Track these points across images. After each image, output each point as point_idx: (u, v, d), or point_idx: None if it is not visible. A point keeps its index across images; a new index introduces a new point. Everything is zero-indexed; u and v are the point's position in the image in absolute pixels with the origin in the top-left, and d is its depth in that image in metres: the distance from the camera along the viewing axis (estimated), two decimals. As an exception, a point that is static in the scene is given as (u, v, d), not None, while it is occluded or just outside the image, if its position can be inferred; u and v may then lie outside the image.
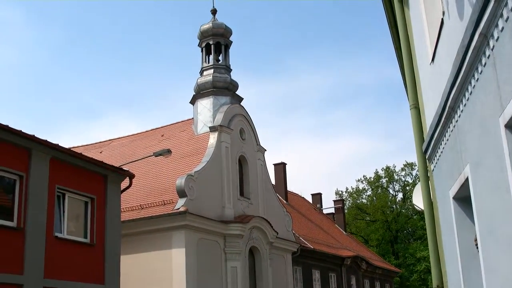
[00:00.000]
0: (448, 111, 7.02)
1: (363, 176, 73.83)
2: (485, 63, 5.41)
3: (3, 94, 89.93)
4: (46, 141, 18.05)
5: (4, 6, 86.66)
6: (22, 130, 17.30)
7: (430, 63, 8.26)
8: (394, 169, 72.44)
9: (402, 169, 71.90)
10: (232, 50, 33.53)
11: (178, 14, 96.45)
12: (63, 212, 19.00)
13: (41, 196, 17.84)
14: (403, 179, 72.59)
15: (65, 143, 27.21)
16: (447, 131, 7.46)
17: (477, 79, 5.76)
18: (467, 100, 6.25)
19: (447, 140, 7.53)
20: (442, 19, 7.12)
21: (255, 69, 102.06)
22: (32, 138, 17.60)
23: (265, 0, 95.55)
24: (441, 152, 8.07)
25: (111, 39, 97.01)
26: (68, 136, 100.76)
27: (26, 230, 17.11)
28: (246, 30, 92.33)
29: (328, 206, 56.61)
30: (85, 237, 19.72)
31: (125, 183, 22.07)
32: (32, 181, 17.57)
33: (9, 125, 16.87)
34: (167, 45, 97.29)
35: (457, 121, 6.87)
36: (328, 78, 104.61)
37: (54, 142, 18.44)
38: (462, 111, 6.56)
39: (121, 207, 22.30)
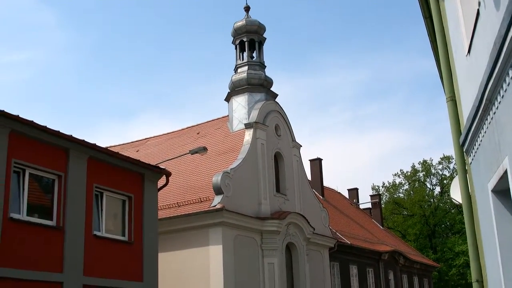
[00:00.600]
0: (486, 103, 6.94)
1: (400, 170, 73.25)
2: (523, 54, 5.33)
3: (41, 95, 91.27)
4: (83, 141, 18.26)
5: (38, 10, 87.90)
6: (60, 131, 17.52)
7: (466, 55, 8.17)
8: (431, 163, 71.75)
9: (439, 163, 71.18)
10: (265, 46, 33.56)
11: (212, 11, 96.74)
12: (101, 210, 19.21)
13: (79, 195, 18.06)
14: (441, 172, 71.87)
15: (102, 143, 27.52)
16: (484, 123, 7.37)
17: (515, 70, 5.68)
18: (505, 91, 6.17)
19: (485, 132, 7.44)
20: (478, 10, 7.03)
21: (289, 65, 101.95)
22: (69, 138, 17.81)
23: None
24: (479, 144, 7.97)
25: (145, 38, 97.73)
26: (105, 135, 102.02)
27: (65, 229, 17.34)
28: (279, 26, 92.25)
29: (364, 201, 56.35)
30: (123, 235, 19.91)
31: (161, 181, 22.21)
32: (71, 181, 17.80)
33: (47, 126, 17.11)
34: (202, 42, 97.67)
35: (494, 113, 6.78)
36: (362, 72, 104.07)
37: (91, 141, 18.66)
38: (500, 102, 6.48)
39: (158, 205, 22.46)
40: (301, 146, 33.58)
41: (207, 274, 25.51)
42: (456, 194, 10.81)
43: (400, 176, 72.98)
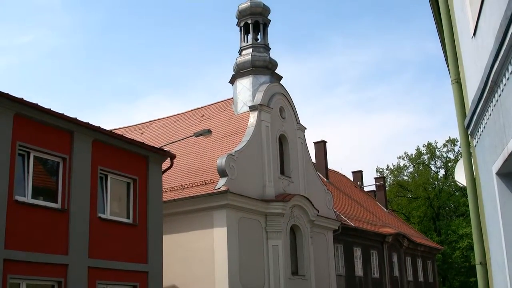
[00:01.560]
0: (491, 85, 6.90)
1: (404, 153, 73.20)
2: (529, 36, 5.29)
3: (45, 78, 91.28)
4: (88, 123, 18.27)
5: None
6: (64, 113, 17.55)
7: (472, 37, 8.12)
8: (436, 145, 71.66)
9: (444, 145, 71.08)
10: (270, 28, 33.42)
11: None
12: (106, 193, 19.27)
13: (84, 178, 18.11)
14: (445, 155, 71.81)
15: (107, 125, 27.55)
16: (489, 106, 7.34)
17: (521, 52, 5.65)
18: (511, 74, 6.13)
19: (490, 115, 7.41)
20: (484, -9, 6.98)
21: (294, 46, 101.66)
22: (74, 121, 17.83)
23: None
24: (484, 127, 7.94)
25: (149, 20, 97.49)
26: (110, 118, 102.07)
27: (70, 211, 17.41)
28: (284, 7, 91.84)
29: (369, 183, 56.43)
30: (128, 217, 19.98)
31: (166, 163, 22.26)
32: (75, 163, 17.84)
33: (52, 109, 17.12)
34: (206, 24, 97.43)
35: (500, 95, 6.75)
36: (368, 54, 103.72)
37: (95, 124, 18.68)
38: (505, 85, 6.44)
39: (163, 188, 22.51)
40: (305, 128, 33.57)
41: (211, 256, 25.62)
42: (460, 176, 10.79)
43: (405, 158, 72.97)
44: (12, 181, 15.84)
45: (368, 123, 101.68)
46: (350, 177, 54.36)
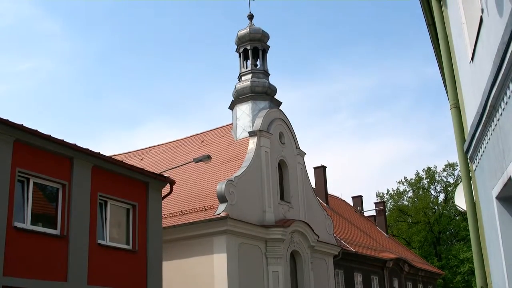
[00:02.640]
0: (490, 110, 6.93)
1: (404, 177, 73.18)
2: (526, 60, 5.33)
3: (45, 104, 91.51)
4: (87, 149, 18.29)
5: (43, 19, 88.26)
6: (64, 139, 17.56)
7: (470, 62, 8.17)
8: (435, 170, 71.67)
9: (444, 170, 71.10)
10: (269, 54, 33.60)
11: (216, 20, 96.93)
12: (105, 219, 19.22)
13: (83, 204, 18.08)
14: (445, 179, 71.79)
15: (106, 151, 27.53)
16: (488, 130, 7.36)
17: (519, 76, 5.68)
18: (509, 98, 6.16)
19: (489, 139, 7.43)
20: (481, 16, 7.03)
21: (293, 72, 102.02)
22: (74, 147, 17.84)
23: (301, 1, 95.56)
24: (483, 151, 7.96)
25: (148, 47, 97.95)
26: (109, 144, 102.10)
27: (69, 238, 17.35)
28: (283, 33, 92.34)
29: (369, 208, 56.28)
30: (128, 243, 19.91)
31: (166, 189, 22.22)
32: (75, 189, 17.82)
33: (51, 135, 17.14)
34: (205, 51, 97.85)
35: (498, 119, 6.77)
36: (367, 80, 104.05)
37: (95, 150, 18.69)
38: (503, 109, 6.47)
39: (162, 214, 22.46)
40: (305, 153, 33.59)
41: (211, 282, 25.49)
42: (460, 201, 10.79)
43: (404, 183, 72.93)
44: (11, 207, 15.80)
45: (367, 148, 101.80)
46: (350, 202, 54.27)
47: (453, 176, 70.27)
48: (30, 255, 16.17)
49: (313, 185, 39.29)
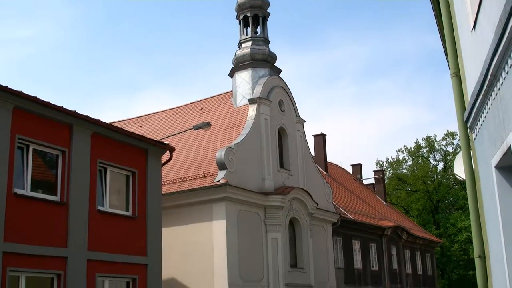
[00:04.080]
0: (490, 79, 6.90)
1: (404, 146, 73.22)
2: (528, 29, 5.29)
3: (44, 71, 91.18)
4: (87, 116, 18.26)
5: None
6: (64, 106, 17.53)
7: (471, 31, 8.11)
8: (435, 139, 71.68)
9: (443, 139, 71.10)
10: (270, 21, 33.36)
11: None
12: (105, 186, 19.27)
13: (83, 171, 18.11)
14: (444, 148, 71.83)
15: (106, 118, 27.54)
16: (489, 99, 7.34)
17: (520, 45, 5.64)
18: (510, 67, 6.13)
19: (489, 108, 7.41)
20: (483, -16, 6.97)
21: (293, 40, 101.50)
22: (73, 114, 17.82)
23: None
24: (483, 120, 7.95)
25: (149, 13, 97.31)
26: (109, 111, 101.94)
27: (69, 204, 17.41)
28: (283, 0, 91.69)
29: (368, 176, 56.49)
30: (127, 210, 19.99)
31: (165, 156, 22.26)
32: (74, 156, 17.84)
33: (51, 102, 17.10)
34: (206, 17, 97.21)
35: (499, 89, 6.75)
36: (368, 47, 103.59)
37: (95, 117, 18.67)
38: (504, 79, 6.44)
39: (162, 180, 22.53)
40: (305, 121, 33.57)
41: (210, 249, 25.64)
42: (459, 170, 10.80)
43: (404, 152, 73.01)
44: (11, 174, 15.83)
45: (367, 116, 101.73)
46: (349, 170, 54.39)
47: (452, 145, 70.35)
48: (30, 221, 16.24)
49: (313, 153, 39.35)
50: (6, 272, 15.25)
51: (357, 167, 54.67)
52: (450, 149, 70.75)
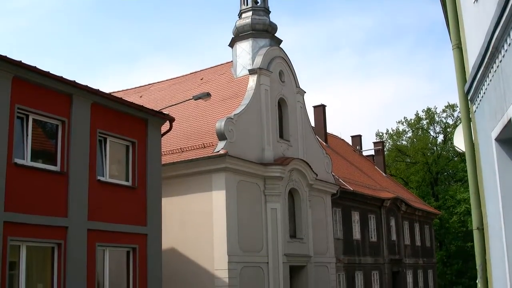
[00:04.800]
0: (492, 51, 6.86)
1: (404, 117, 73.26)
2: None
3: (43, 41, 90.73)
4: (87, 86, 18.22)
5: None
6: (63, 76, 17.47)
7: (474, 2, 8.06)
8: (435, 111, 71.60)
9: (443, 111, 71.02)
10: (270, -9, 33.06)
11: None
12: (105, 156, 19.29)
13: (83, 141, 18.11)
14: (444, 120, 71.79)
15: (106, 89, 27.47)
16: (490, 72, 7.31)
17: (522, 17, 5.60)
18: (512, 39, 6.10)
19: (490, 80, 7.38)
20: (487, -45, 6.91)
21: (294, 10, 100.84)
22: (73, 84, 17.77)
23: None
24: (484, 93, 7.92)
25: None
26: (108, 81, 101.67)
27: (69, 174, 17.44)
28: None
29: (368, 148, 56.47)
30: (127, 180, 20.04)
31: (165, 126, 22.25)
32: (74, 126, 17.82)
33: (50, 71, 17.04)
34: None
35: (501, 61, 6.72)
36: (368, 18, 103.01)
37: (94, 87, 18.63)
38: (506, 51, 6.41)
39: (162, 151, 22.55)
40: (305, 92, 33.50)
41: (210, 219, 25.76)
42: (459, 142, 10.79)
43: (404, 123, 72.95)
44: (11, 144, 15.84)
45: (368, 87, 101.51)
46: (349, 141, 54.40)
47: (452, 117, 70.29)
48: (30, 191, 16.29)
49: (313, 124, 39.32)
50: (7, 242, 15.34)
51: (357, 139, 54.66)
52: (450, 121, 70.73)
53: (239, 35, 31.35)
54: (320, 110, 44.34)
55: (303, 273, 30.29)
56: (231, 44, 31.89)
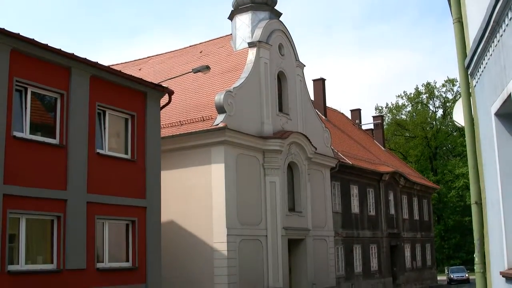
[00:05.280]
0: (493, 25, 6.83)
1: (403, 92, 73.21)
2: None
3: (42, 14, 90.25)
4: (85, 59, 18.15)
5: None
6: (62, 49, 17.40)
7: (475, -24, 8.00)
8: (435, 85, 71.57)
9: (443, 85, 71.03)
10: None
11: None
12: (104, 129, 19.26)
13: (82, 114, 18.08)
14: (444, 95, 71.86)
15: (105, 61, 27.38)
16: (491, 46, 7.28)
17: (524, -9, 5.56)
18: (513, 14, 6.07)
19: (491, 55, 7.35)
20: None
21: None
22: (71, 57, 17.70)
23: None
24: (484, 67, 7.90)
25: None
26: (107, 54, 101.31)
27: (68, 147, 17.44)
28: None
29: (367, 122, 56.48)
30: (126, 153, 20.04)
31: (164, 99, 22.21)
32: (73, 99, 17.79)
33: (49, 44, 16.96)
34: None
35: (501, 35, 6.68)
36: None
37: (93, 60, 18.54)
38: (507, 25, 6.38)
39: (161, 124, 22.53)
40: (304, 66, 33.39)
41: (209, 192, 25.81)
42: (458, 116, 10.78)
43: (404, 97, 72.96)
44: (9, 117, 15.81)
45: (368, 61, 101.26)
46: (349, 115, 54.37)
47: (452, 92, 70.32)
48: (29, 164, 16.30)
49: (312, 97, 39.27)
50: (6, 214, 15.39)
51: (356, 113, 54.64)
52: (450, 96, 70.79)
53: (238, 8, 31.15)
54: (320, 83, 44.23)
55: (302, 246, 30.45)
56: (231, 17, 31.69)
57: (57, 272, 16.83)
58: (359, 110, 54.94)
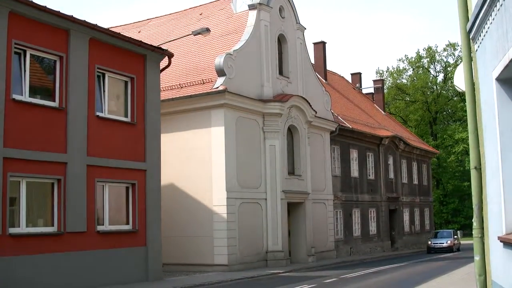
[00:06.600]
0: (496, -11, 6.76)
1: (404, 55, 72.91)
2: None
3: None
4: (84, 21, 18.03)
5: None
6: (61, 11, 17.26)
7: None
8: (436, 49, 71.17)
9: (444, 49, 70.63)
10: None
11: None
12: (104, 92, 19.23)
13: (81, 76, 18.03)
14: (445, 59, 71.46)
15: (104, 24, 27.17)
16: (493, 10, 7.21)
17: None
18: (516, -23, 5.99)
19: (493, 19, 7.29)
20: None
21: None
22: (70, 19, 17.58)
23: None
24: (486, 32, 7.83)
25: None
26: (106, 16, 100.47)
27: (68, 110, 17.43)
28: None
29: (367, 85, 56.29)
30: (126, 116, 20.03)
31: (164, 62, 22.13)
32: (72, 61, 17.72)
33: (47, 6, 16.83)
34: None
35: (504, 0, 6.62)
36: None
37: (92, 22, 18.42)
38: (510, -11, 6.31)
39: (161, 86, 22.47)
40: (305, 28, 33.15)
41: (209, 155, 25.83)
42: (459, 81, 10.75)
43: (404, 61, 72.61)
44: (9, 80, 15.77)
45: (368, 24, 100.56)
46: (349, 79, 54.17)
47: (453, 56, 69.97)
48: (29, 127, 16.30)
49: (312, 61, 39.09)
50: (6, 177, 15.45)
51: (357, 76, 54.39)
52: (451, 60, 70.43)
53: (238, -30, 30.81)
54: (320, 47, 43.98)
55: (301, 209, 30.58)
56: (231, -21, 31.38)
57: (57, 234, 16.97)
58: (359, 74, 54.69)
